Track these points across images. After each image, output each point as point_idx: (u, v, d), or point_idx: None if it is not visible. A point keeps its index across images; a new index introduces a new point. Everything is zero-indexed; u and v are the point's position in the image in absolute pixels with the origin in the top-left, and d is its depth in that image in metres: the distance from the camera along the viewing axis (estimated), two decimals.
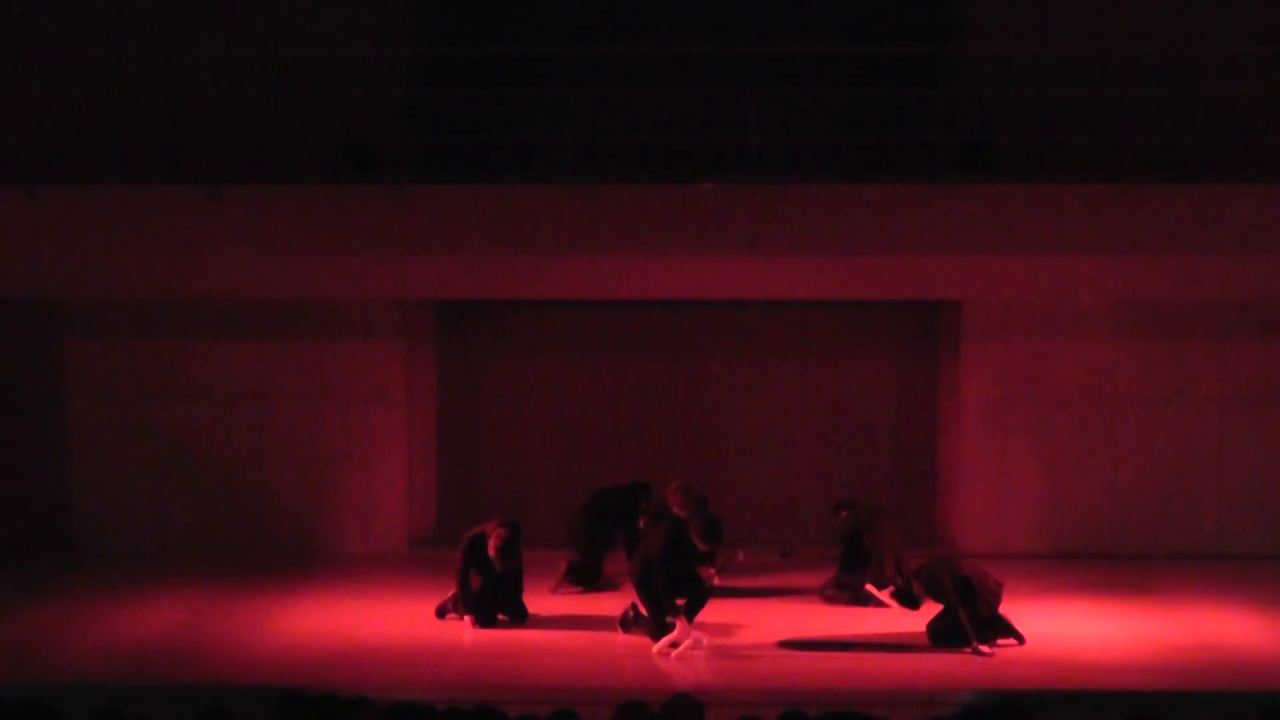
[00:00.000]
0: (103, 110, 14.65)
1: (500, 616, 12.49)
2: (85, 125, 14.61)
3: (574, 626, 12.46)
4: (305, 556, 14.99)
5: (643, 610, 12.15)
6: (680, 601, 11.91)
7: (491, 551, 12.34)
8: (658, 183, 13.93)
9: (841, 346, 16.20)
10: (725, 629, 12.36)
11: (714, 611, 12.82)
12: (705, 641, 11.86)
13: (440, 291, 15.09)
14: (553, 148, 14.46)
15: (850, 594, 13.25)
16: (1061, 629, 12.42)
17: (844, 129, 15.15)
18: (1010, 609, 11.97)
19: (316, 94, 14.44)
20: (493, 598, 12.49)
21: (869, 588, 13.20)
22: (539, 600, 13.02)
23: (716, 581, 13.29)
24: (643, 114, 14.68)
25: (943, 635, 11.81)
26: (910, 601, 12.13)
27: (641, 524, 13.48)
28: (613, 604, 13.01)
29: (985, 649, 11.62)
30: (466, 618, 12.45)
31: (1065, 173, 14.02)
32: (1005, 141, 14.20)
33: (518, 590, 12.66)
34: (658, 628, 11.99)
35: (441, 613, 12.64)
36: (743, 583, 13.78)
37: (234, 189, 13.85)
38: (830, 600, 13.31)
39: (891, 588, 12.74)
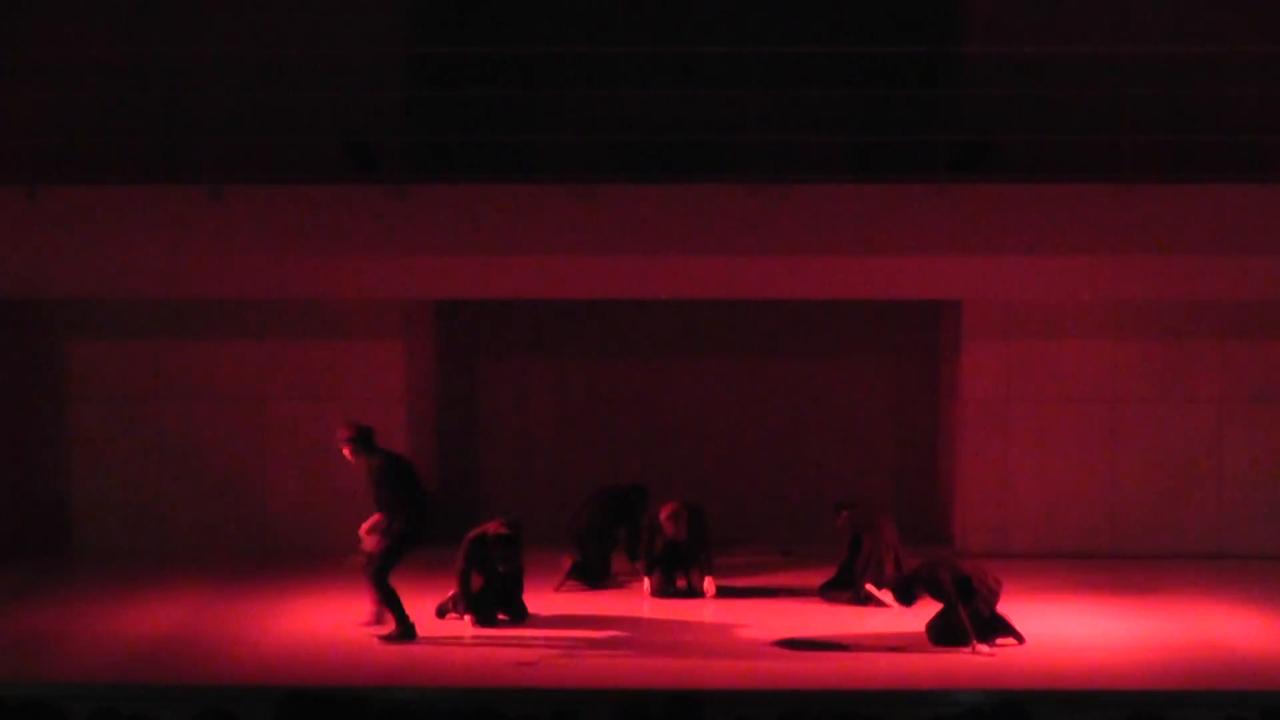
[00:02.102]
0: (103, 110, 14.65)
1: (501, 616, 12.49)
2: (85, 125, 14.61)
3: (574, 626, 12.46)
4: (305, 556, 14.98)
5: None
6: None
7: (494, 551, 12.35)
8: (658, 183, 13.94)
9: (841, 346, 16.21)
10: (725, 629, 12.36)
11: (715, 611, 12.85)
12: None
13: (440, 291, 15.10)
14: (553, 148, 14.46)
15: (850, 594, 13.25)
16: (1061, 629, 12.42)
17: (844, 129, 15.16)
18: (1010, 609, 11.97)
19: (316, 94, 14.44)
20: (493, 597, 12.49)
21: (869, 587, 13.19)
22: (540, 599, 13.02)
23: (712, 593, 13.34)
24: (643, 114, 14.68)
25: (942, 634, 11.81)
26: (906, 596, 12.14)
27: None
28: (615, 603, 13.04)
29: (985, 649, 11.61)
30: (467, 617, 12.45)
31: (1065, 173, 14.02)
32: (1005, 141, 14.20)
33: (518, 589, 12.66)
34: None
35: (442, 612, 12.64)
36: (743, 583, 13.79)
37: (234, 189, 13.87)
38: (830, 600, 13.31)
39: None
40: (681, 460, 16.04)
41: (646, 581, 13.46)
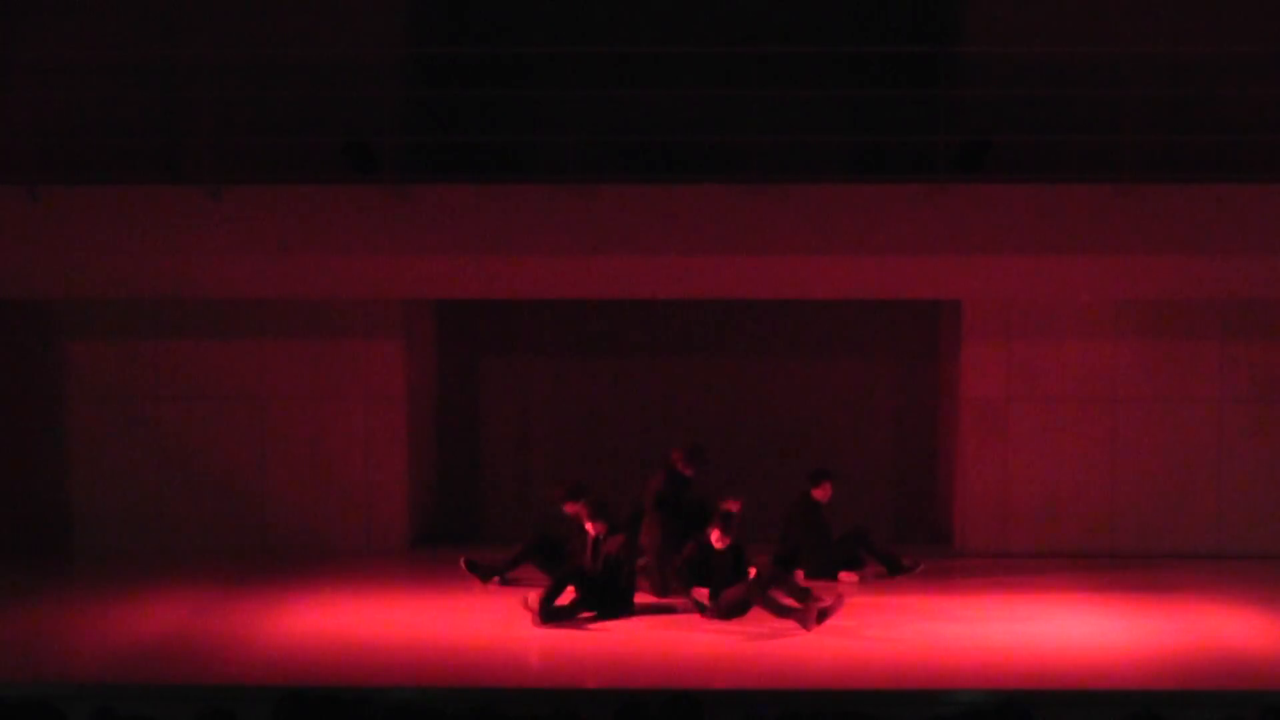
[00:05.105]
0: (103, 110, 14.66)
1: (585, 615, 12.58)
2: (85, 125, 14.62)
3: (575, 626, 12.45)
4: (305, 556, 14.98)
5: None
6: None
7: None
8: (658, 183, 13.94)
9: (841, 346, 16.21)
10: (726, 628, 12.36)
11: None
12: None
13: (440, 291, 15.10)
14: (553, 148, 14.46)
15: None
16: (1061, 629, 12.43)
17: (844, 129, 15.16)
18: (1010, 608, 11.98)
19: (316, 94, 14.44)
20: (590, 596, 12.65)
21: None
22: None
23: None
24: (643, 114, 14.68)
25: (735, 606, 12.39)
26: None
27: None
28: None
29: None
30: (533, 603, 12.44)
31: (1065, 173, 14.03)
32: (1005, 141, 14.20)
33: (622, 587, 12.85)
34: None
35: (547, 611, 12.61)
36: None
37: (234, 189, 13.87)
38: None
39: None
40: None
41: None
